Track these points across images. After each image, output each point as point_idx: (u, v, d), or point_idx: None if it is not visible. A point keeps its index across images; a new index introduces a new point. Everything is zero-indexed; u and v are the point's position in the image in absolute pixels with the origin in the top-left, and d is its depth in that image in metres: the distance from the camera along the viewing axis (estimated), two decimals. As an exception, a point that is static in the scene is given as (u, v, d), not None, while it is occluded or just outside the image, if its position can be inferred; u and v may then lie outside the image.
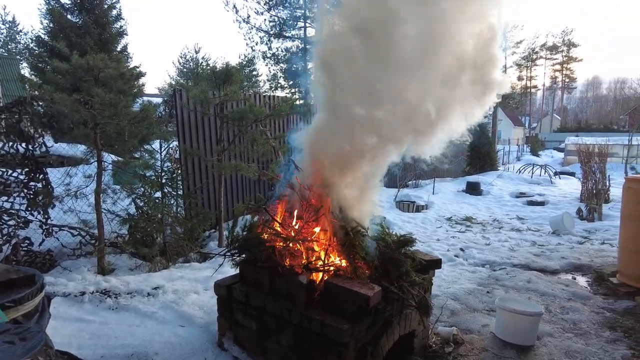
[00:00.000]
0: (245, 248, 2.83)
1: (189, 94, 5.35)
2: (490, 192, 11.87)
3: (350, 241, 2.66)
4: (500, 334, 3.36)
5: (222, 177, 5.84)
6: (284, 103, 5.75)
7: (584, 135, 31.46)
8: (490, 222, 8.37)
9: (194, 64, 32.67)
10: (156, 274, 4.48)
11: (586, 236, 6.94)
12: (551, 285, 4.57)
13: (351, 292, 2.36)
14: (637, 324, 3.61)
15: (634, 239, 4.26)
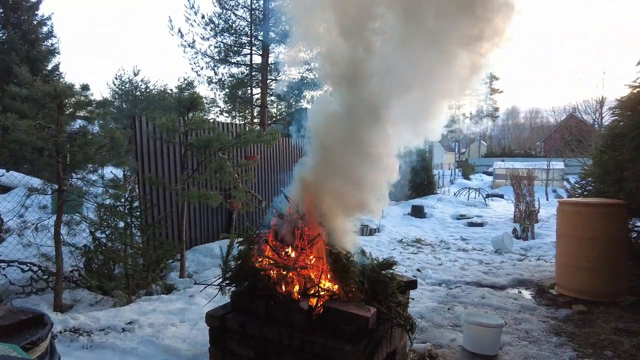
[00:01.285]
0: (241, 277, 2.92)
1: (156, 123, 5.33)
2: (433, 214, 12.67)
3: (343, 267, 2.87)
4: (469, 346, 3.70)
5: (184, 206, 5.80)
6: (250, 133, 5.89)
7: (508, 160, 34.51)
8: (438, 243, 8.96)
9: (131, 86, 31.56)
10: (125, 308, 4.33)
11: (524, 253, 7.71)
12: (502, 300, 5.06)
13: (351, 315, 2.55)
14: (577, 329, 4.14)
15: (568, 254, 4.89)
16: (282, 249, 3.00)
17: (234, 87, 20.52)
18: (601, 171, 5.46)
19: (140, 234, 5.54)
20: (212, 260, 6.66)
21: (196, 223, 7.13)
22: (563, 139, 22.07)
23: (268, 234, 3.14)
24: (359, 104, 3.00)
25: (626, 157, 5.02)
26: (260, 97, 20.29)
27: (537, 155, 46.00)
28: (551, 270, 6.22)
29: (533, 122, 77.21)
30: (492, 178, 28.29)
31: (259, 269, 2.90)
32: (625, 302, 4.64)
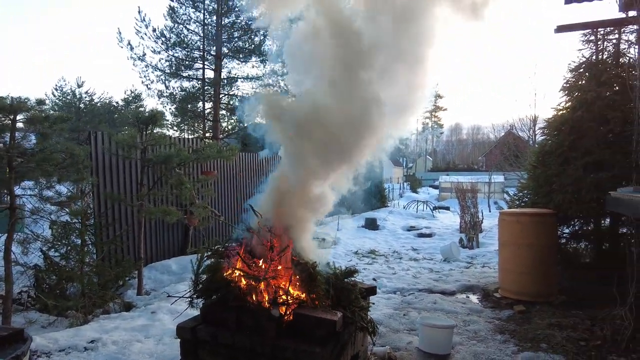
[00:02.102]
0: (212, 290, 3.02)
1: (116, 139, 5.28)
2: (385, 226, 13.17)
3: (310, 275, 3.06)
4: (424, 347, 3.99)
5: (142, 223, 5.74)
6: (210, 148, 5.96)
7: (453, 174, 36.41)
8: (391, 254, 9.37)
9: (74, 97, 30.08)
10: (84, 327, 4.23)
11: (470, 261, 8.27)
12: (452, 304, 5.45)
13: (320, 319, 2.74)
14: (518, 326, 4.58)
15: (509, 261, 5.39)
16: (251, 260, 3.14)
17: (184, 100, 20.24)
18: (534, 184, 6.09)
19: (97, 251, 5.41)
20: (170, 277, 6.58)
21: (152, 240, 7.01)
22: (502, 154, 23.71)
23: (237, 247, 3.27)
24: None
25: (554, 172, 5.65)
26: (212, 111, 20.18)
27: (480, 169, 48.96)
28: (495, 276, 6.75)
29: (475, 138, 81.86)
30: (438, 191, 29.67)
31: (229, 280, 3.02)
32: (556, 301, 5.18)
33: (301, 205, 3.31)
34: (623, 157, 5.17)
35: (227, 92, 20.24)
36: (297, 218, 3.34)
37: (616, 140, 5.42)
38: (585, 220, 5.94)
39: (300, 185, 3.29)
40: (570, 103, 5.94)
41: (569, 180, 5.34)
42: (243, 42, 19.20)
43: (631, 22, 5.01)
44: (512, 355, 3.86)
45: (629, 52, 5.92)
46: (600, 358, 3.75)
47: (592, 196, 5.14)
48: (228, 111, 21.27)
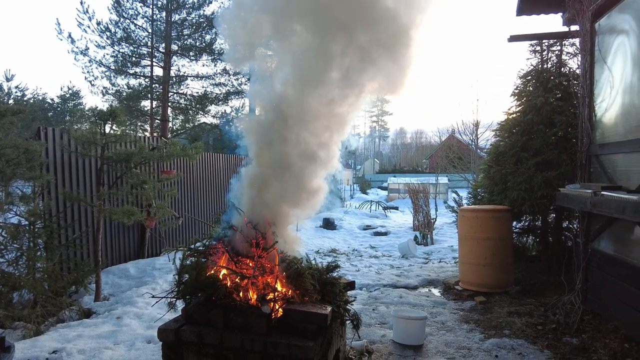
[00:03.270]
0: (197, 288, 2.93)
1: (73, 135, 4.94)
2: (342, 226, 13.37)
3: (297, 271, 3.06)
4: (399, 339, 4.13)
5: (100, 225, 5.42)
6: (173, 146, 5.74)
7: (400, 176, 37.62)
8: (351, 252, 9.54)
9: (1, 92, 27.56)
10: (41, 337, 3.92)
11: (427, 257, 8.62)
12: (417, 298, 5.66)
13: (311, 314, 2.75)
14: (481, 316, 4.86)
15: (469, 254, 5.69)
16: (237, 258, 3.09)
17: (131, 98, 19.28)
18: (490, 182, 6.49)
19: (47, 255, 5.02)
20: (129, 282, 6.26)
21: (107, 243, 6.63)
22: (447, 157, 24.93)
23: (219, 245, 3.20)
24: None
25: (508, 171, 6.06)
26: (160, 110, 19.39)
27: (424, 171, 51.10)
28: (453, 270, 7.11)
29: (418, 141, 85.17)
30: (387, 192, 30.55)
31: (215, 279, 2.95)
32: (512, 290, 5.55)
33: (282, 200, 3.30)
34: (568, 157, 5.66)
35: (177, 91, 19.53)
36: (279, 214, 3.33)
37: (561, 142, 5.92)
38: (534, 216, 6.43)
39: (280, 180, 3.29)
40: (521, 107, 6.40)
41: (521, 178, 5.76)
42: (193, 39, 18.64)
43: (574, 35, 5.50)
44: (480, 342, 4.10)
45: (568, 63, 6.51)
46: (556, 339, 4.08)
47: (542, 193, 5.58)
48: (177, 110, 20.57)
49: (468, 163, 21.91)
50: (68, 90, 37.09)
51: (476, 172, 19.36)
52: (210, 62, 19.00)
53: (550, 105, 5.94)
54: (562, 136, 6.00)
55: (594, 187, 4.08)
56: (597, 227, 4.55)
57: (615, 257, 4.22)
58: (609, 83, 4.46)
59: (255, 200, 3.30)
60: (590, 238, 4.70)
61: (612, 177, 4.34)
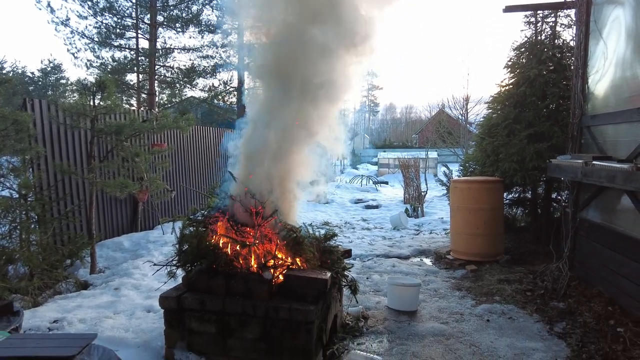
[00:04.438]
0: (198, 256, 2.96)
1: (62, 106, 4.82)
2: (334, 200, 13.46)
3: (296, 239, 3.11)
4: (393, 305, 4.24)
5: (93, 198, 5.38)
6: (165, 118, 5.65)
7: (390, 151, 37.69)
8: (344, 225, 9.65)
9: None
10: (41, 308, 3.94)
11: (418, 229, 8.78)
12: (410, 267, 5.80)
13: (312, 280, 2.81)
14: (472, 283, 5.01)
15: (461, 224, 5.81)
16: (237, 227, 3.11)
17: (117, 72, 18.76)
18: (482, 154, 6.56)
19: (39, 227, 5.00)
20: (123, 255, 6.27)
21: (100, 216, 6.60)
22: (437, 132, 25.01)
23: (218, 215, 3.21)
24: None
25: (500, 143, 6.12)
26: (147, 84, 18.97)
27: (413, 146, 51.25)
28: (443, 241, 7.26)
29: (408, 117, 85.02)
30: (377, 167, 30.69)
31: (216, 247, 2.98)
32: (502, 259, 5.71)
33: (283, 170, 3.32)
34: (560, 129, 5.73)
35: (163, 64, 19.05)
36: (278, 183, 3.35)
37: (553, 114, 5.98)
38: (524, 187, 6.54)
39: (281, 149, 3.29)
40: (514, 79, 6.41)
41: (514, 149, 5.83)
42: (180, 10, 18.06)
43: (570, 5, 5.47)
44: (472, 308, 4.24)
45: (562, 35, 6.49)
46: (544, 304, 4.24)
47: (534, 164, 5.67)
48: (164, 84, 20.13)
49: (458, 138, 22.06)
50: (49, 64, 35.97)
51: (466, 146, 19.54)
52: (197, 34, 18.48)
53: (544, 78, 5.96)
54: (554, 108, 6.05)
55: (585, 158, 4.15)
56: (586, 197, 4.66)
57: (602, 225, 4.35)
58: (603, 55, 4.48)
59: (254, 170, 3.31)
60: (579, 208, 4.82)
61: (602, 147, 4.42)
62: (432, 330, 3.72)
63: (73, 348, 1.56)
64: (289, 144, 3.33)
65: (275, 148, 3.31)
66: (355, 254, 6.57)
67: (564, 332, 3.62)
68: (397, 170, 23.09)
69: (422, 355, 3.26)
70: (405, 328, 3.80)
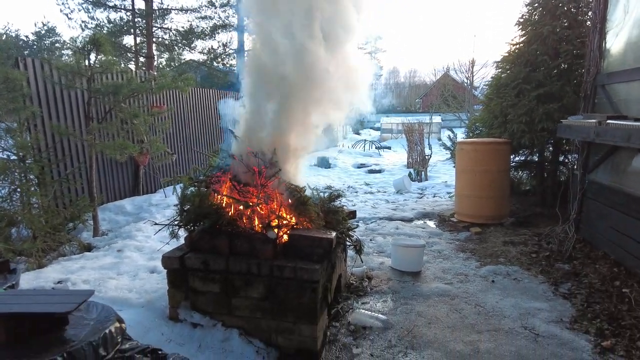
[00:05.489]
0: (201, 216, 2.90)
1: (56, 65, 4.64)
2: (337, 165, 13.37)
3: (300, 199, 3.03)
4: (397, 266, 4.23)
5: (93, 160, 5.29)
6: (163, 77, 5.46)
7: (393, 115, 37.16)
8: (347, 188, 9.60)
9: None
10: (45, 269, 3.95)
11: (421, 193, 8.72)
12: (413, 229, 5.77)
13: (317, 239, 2.76)
14: (476, 245, 4.99)
15: (466, 187, 5.74)
16: (240, 186, 3.03)
17: (113, 34, 18.22)
18: (489, 115, 6.40)
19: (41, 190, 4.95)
20: (126, 218, 6.26)
21: (101, 179, 6.54)
22: (441, 95, 24.55)
23: (220, 174, 3.13)
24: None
25: (509, 103, 5.95)
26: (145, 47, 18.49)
27: (417, 111, 50.46)
28: (447, 204, 7.21)
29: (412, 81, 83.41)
30: (379, 133, 30.36)
31: (219, 206, 2.91)
32: (507, 222, 5.68)
33: (287, 129, 3.20)
34: (571, 89, 5.54)
35: (161, 25, 18.46)
36: (282, 142, 3.23)
37: (565, 74, 5.77)
38: (532, 150, 6.41)
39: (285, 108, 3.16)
40: (525, 37, 6.14)
41: (522, 110, 5.66)
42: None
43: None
44: (476, 269, 4.23)
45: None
46: (549, 265, 4.22)
47: (543, 125, 5.52)
48: (162, 46, 19.59)
49: (462, 102, 21.68)
50: (43, 27, 34.98)
51: (470, 111, 19.21)
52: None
53: (557, 35, 5.70)
54: (566, 68, 5.83)
55: (599, 117, 4.01)
56: (597, 159, 4.54)
57: (612, 186, 4.25)
58: (624, 8, 4.24)
59: (256, 129, 3.19)
60: (588, 169, 4.71)
61: (617, 107, 4.26)
62: (437, 290, 3.72)
63: (69, 304, 1.52)
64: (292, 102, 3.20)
65: (278, 106, 3.17)
66: (359, 217, 6.53)
67: (569, 292, 3.61)
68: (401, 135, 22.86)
69: (426, 315, 3.26)
70: (410, 288, 3.80)
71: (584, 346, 2.75)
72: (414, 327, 3.07)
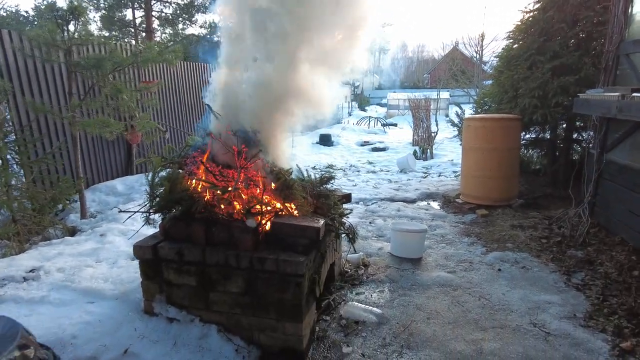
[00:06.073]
0: (172, 201, 2.61)
1: (28, 35, 4.29)
2: (339, 142, 13.00)
3: (285, 183, 2.72)
4: (397, 252, 3.95)
5: (77, 139, 5.00)
6: (149, 50, 5.09)
7: (400, 91, 36.31)
8: (349, 167, 9.28)
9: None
10: (20, 256, 3.70)
11: (426, 172, 8.37)
12: (416, 211, 5.46)
13: (302, 227, 2.46)
14: (482, 229, 4.68)
15: (473, 166, 5.38)
16: (217, 169, 2.73)
17: (112, 8, 17.67)
18: (499, 90, 5.97)
19: (24, 172, 4.69)
20: (116, 199, 6.02)
21: (91, 159, 6.28)
22: (450, 70, 23.74)
23: (197, 154, 2.81)
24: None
25: (520, 76, 5.51)
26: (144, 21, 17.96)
27: (425, 86, 49.29)
28: (453, 184, 6.87)
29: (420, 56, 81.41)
30: (385, 109, 29.70)
31: (193, 191, 2.61)
32: (515, 204, 5.34)
33: (272, 105, 2.86)
34: (590, 60, 5.08)
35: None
36: (266, 120, 2.90)
37: (583, 43, 5.30)
38: (544, 126, 6.00)
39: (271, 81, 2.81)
40: (540, 3, 5.64)
41: (535, 84, 5.23)
42: None
43: None
44: (482, 256, 3.93)
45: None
46: (561, 252, 3.91)
47: (557, 100, 5.10)
48: (163, 21, 19.02)
49: (471, 77, 20.94)
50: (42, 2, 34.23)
51: (480, 86, 18.54)
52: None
53: (576, 0, 5.20)
54: (585, 37, 5.34)
55: (622, 90, 3.62)
56: (617, 136, 4.16)
57: (632, 166, 3.89)
58: (654, -34, 3.77)
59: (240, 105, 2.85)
60: (606, 148, 4.34)
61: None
62: (438, 279, 3.44)
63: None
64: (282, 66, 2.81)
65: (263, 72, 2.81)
66: (359, 198, 6.24)
67: (582, 283, 3.31)
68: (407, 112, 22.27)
69: (426, 308, 2.99)
70: (409, 277, 3.52)
71: (600, 347, 2.47)
72: (411, 323, 2.80)
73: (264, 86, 2.75)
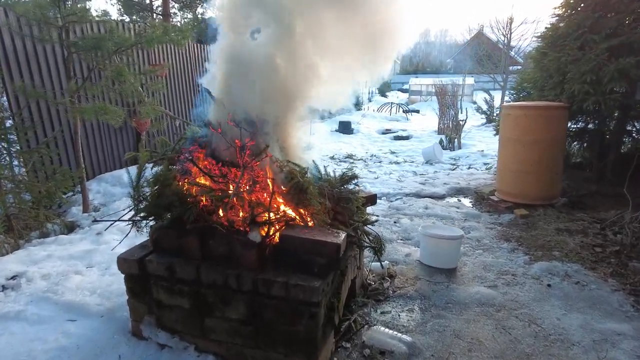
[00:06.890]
0: (161, 207, 2.16)
1: (16, 10, 3.87)
2: (359, 130, 12.42)
3: (298, 185, 2.24)
4: (427, 261, 3.44)
5: (77, 126, 4.62)
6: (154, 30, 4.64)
7: (422, 76, 35.13)
8: (369, 158, 8.74)
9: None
10: (5, 258, 3.35)
11: (454, 163, 7.77)
12: (445, 209, 4.92)
13: (319, 243, 1.98)
14: (523, 233, 4.12)
15: (511, 159, 4.79)
16: (215, 167, 2.26)
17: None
18: (542, 74, 5.30)
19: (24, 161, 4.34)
20: (123, 190, 5.65)
21: (97, 147, 5.93)
22: (476, 55, 22.65)
23: (193, 149, 2.35)
24: None
25: (569, 59, 4.84)
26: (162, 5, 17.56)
27: (448, 72, 47.68)
28: (485, 178, 6.28)
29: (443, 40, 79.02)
30: (407, 95, 28.74)
31: (185, 194, 2.16)
32: (558, 203, 4.75)
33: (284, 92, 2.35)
34: (655, 38, 4.39)
35: (178, -20, 17.42)
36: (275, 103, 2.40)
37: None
38: (594, 116, 5.32)
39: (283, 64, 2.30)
40: (595, -28, 4.92)
41: (587, 67, 4.56)
42: None
43: None
44: (525, 266, 3.39)
45: None
46: (621, 265, 3.33)
47: (614, 86, 4.43)
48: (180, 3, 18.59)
49: (498, 62, 19.86)
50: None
51: (506, 72, 17.54)
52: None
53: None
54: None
55: None
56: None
57: None
58: None
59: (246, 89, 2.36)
60: (676, 141, 3.70)
61: None
62: (478, 297, 2.93)
63: None
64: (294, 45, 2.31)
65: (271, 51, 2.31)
66: (381, 193, 5.74)
67: (655, 307, 2.75)
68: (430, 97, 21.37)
69: (465, 336, 2.49)
70: (443, 292, 3.02)
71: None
72: (449, 356, 2.31)
73: (273, 67, 2.25)
